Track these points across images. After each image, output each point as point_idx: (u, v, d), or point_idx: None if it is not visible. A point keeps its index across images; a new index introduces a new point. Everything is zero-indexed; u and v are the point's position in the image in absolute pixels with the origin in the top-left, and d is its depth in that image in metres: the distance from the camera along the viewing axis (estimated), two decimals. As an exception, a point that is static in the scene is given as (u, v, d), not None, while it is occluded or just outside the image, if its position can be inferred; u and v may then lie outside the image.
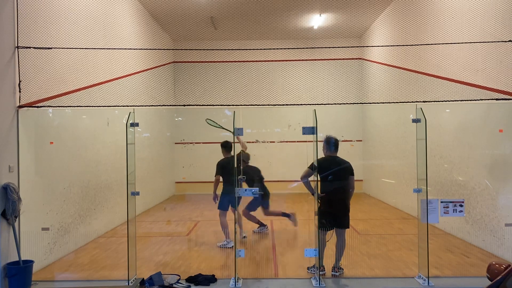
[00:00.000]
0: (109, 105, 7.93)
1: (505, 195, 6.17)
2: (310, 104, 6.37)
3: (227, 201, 7.10)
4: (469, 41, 6.73)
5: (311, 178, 5.63)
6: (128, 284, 5.21)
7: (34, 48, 5.73)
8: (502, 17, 6.12)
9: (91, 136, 7.67)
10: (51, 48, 6.05)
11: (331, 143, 5.76)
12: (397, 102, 9.71)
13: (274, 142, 14.28)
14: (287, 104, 13.40)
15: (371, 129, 13.49)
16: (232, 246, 6.73)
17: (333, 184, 5.59)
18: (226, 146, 7.31)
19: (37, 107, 5.83)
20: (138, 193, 5.51)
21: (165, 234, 7.93)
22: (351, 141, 14.15)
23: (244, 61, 12.87)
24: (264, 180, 7.78)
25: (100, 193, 7.85)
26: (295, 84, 14.05)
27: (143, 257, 6.38)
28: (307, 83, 13.98)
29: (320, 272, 5.40)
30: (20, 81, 5.57)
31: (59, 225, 6.43)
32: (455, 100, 7.15)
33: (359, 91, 13.74)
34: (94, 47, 7.43)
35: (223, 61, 13.50)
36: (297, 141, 13.77)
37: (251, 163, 7.79)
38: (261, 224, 8.01)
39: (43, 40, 5.94)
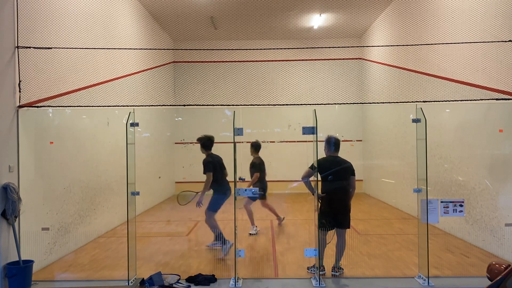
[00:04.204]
0: (109, 105, 7.93)
1: (505, 195, 6.17)
2: (310, 104, 6.37)
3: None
4: (469, 41, 6.73)
5: (311, 178, 5.63)
6: (128, 284, 5.21)
7: (34, 48, 5.73)
8: (502, 17, 6.12)
9: (91, 136, 7.67)
10: (51, 48, 6.05)
11: (332, 143, 5.77)
12: (397, 102, 9.71)
13: (274, 142, 14.28)
14: (287, 104, 13.40)
15: (371, 129, 13.49)
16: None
17: (334, 184, 5.59)
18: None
19: (37, 107, 5.83)
20: (138, 193, 5.51)
21: (165, 234, 7.93)
22: (351, 141, 14.15)
23: (244, 61, 12.86)
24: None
25: (100, 193, 7.85)
26: (295, 84, 14.05)
27: (143, 257, 6.38)
28: (307, 83, 13.98)
29: (320, 272, 5.40)
30: (20, 81, 5.57)
31: (59, 225, 6.43)
32: (455, 100, 7.15)
33: (359, 91, 13.74)
34: (94, 47, 7.42)
35: (223, 61, 13.49)
36: (297, 141, 13.77)
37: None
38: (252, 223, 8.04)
39: (43, 40, 5.94)
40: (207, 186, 6.57)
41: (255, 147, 8.17)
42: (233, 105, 9.99)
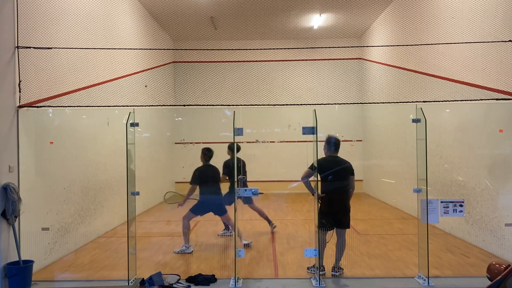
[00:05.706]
0: (109, 105, 7.93)
1: (505, 195, 6.17)
2: (310, 104, 6.36)
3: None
4: (469, 41, 6.73)
5: (311, 178, 5.63)
6: (128, 284, 5.21)
7: (34, 48, 5.73)
8: (502, 17, 6.12)
9: (91, 136, 7.67)
10: (51, 48, 6.05)
11: (331, 143, 5.77)
12: (397, 102, 9.71)
13: (274, 142, 14.28)
14: (287, 104, 13.40)
15: (371, 129, 13.49)
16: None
17: (334, 184, 5.59)
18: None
19: (37, 107, 5.83)
20: (138, 193, 5.51)
21: (165, 234, 7.92)
22: (351, 141, 14.15)
23: (244, 61, 12.86)
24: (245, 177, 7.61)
25: (100, 193, 7.85)
26: (295, 84, 14.06)
27: (143, 257, 6.38)
28: (307, 83, 13.98)
29: (320, 272, 5.40)
30: (20, 81, 5.57)
31: (59, 225, 6.43)
32: (455, 100, 7.15)
33: (359, 91, 13.75)
34: (94, 47, 7.42)
35: (223, 61, 13.49)
36: (297, 141, 13.77)
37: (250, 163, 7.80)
38: (226, 227, 7.71)
39: (43, 40, 5.94)
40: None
41: (229, 147, 7.61)
42: (233, 105, 9.98)
